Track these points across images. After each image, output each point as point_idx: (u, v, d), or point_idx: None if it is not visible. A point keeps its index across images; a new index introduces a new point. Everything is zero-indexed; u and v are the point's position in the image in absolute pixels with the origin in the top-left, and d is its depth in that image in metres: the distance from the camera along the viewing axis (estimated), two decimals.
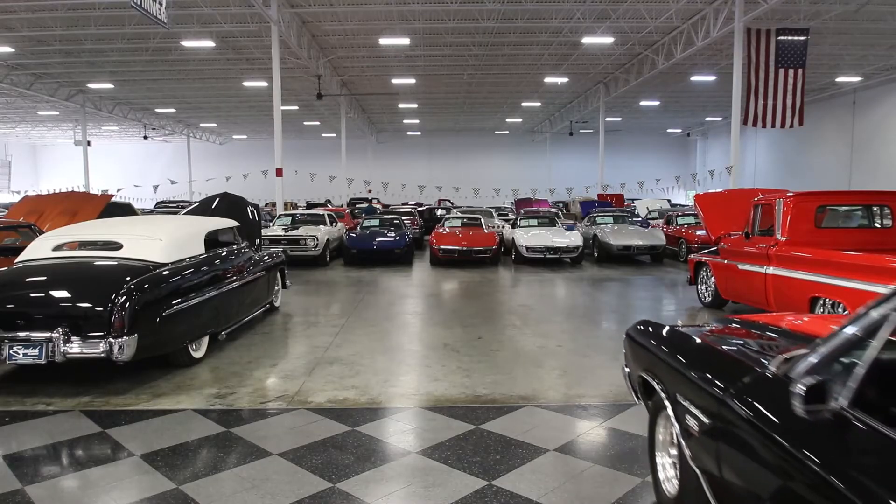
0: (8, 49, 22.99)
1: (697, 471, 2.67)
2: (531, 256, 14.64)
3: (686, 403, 2.80)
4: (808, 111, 17.89)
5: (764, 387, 2.25)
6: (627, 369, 3.73)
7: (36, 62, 25.52)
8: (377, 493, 3.46)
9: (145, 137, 43.26)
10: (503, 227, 18.28)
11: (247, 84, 28.92)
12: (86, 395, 5.13)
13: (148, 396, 5.14)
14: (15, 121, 40.83)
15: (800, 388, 1.90)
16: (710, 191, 17.24)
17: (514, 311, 9.10)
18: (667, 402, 3.02)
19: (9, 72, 26.26)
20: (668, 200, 33.15)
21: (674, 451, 3.07)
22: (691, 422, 2.74)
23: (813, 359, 2.03)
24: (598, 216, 17.93)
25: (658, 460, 3.27)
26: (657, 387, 3.15)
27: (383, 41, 22.08)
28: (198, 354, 6.12)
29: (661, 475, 3.24)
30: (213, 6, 18.90)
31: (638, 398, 3.59)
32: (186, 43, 22.12)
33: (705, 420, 2.60)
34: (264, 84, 27.32)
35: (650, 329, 3.49)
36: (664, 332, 3.36)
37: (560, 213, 22.88)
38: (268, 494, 3.44)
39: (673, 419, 2.94)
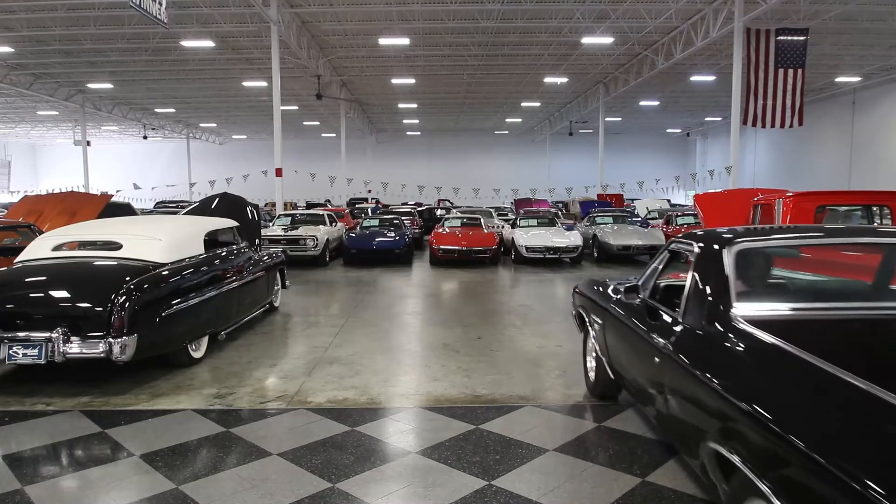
0: (7, 49, 22.98)
1: (602, 357, 4.62)
2: (531, 256, 14.64)
3: (595, 318, 4.81)
4: (807, 111, 17.89)
5: (621, 297, 4.27)
6: (574, 312, 5.62)
7: (35, 62, 25.52)
8: (377, 493, 3.46)
9: (145, 137, 43.26)
10: (503, 227, 18.28)
11: (246, 84, 28.91)
12: (85, 395, 5.12)
13: (147, 396, 5.14)
14: (14, 121, 40.83)
15: (622, 289, 4.14)
16: (709, 191, 17.25)
17: (514, 311, 9.09)
18: (588, 323, 5.04)
19: (8, 72, 26.25)
20: (668, 200, 33.18)
21: (594, 354, 4.95)
22: (596, 327, 4.76)
23: (641, 277, 4.15)
24: (597, 216, 17.93)
25: (587, 359, 5.24)
26: (584, 315, 5.17)
27: (383, 41, 22.07)
28: (197, 354, 6.12)
29: (588, 366, 5.19)
30: (213, 6, 18.90)
31: (579, 329, 5.50)
32: (186, 43, 22.11)
33: (600, 322, 4.63)
34: (264, 84, 27.32)
35: (587, 283, 5.34)
36: (592, 283, 5.22)
37: (560, 213, 22.89)
38: (267, 494, 3.44)
39: (591, 332, 4.95)
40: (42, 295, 5.34)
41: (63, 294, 5.26)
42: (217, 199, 9.27)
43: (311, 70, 24.29)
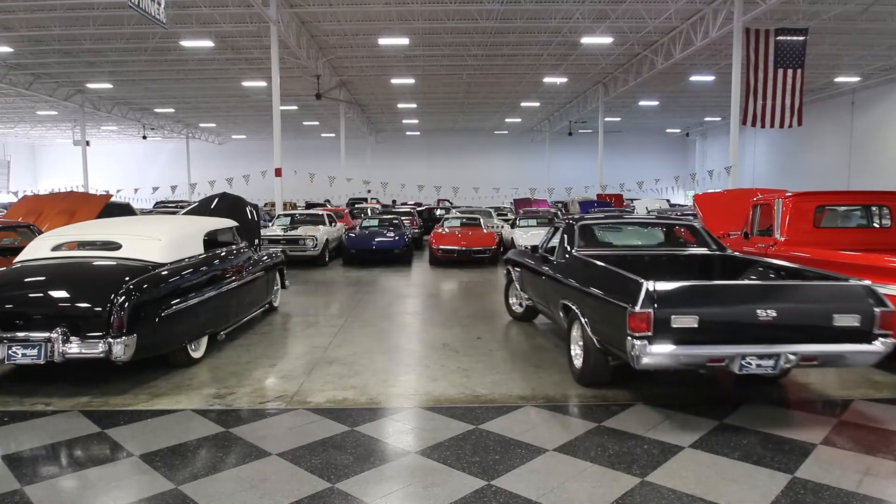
0: (7, 49, 22.97)
1: (522, 293, 7.70)
2: None
3: (517, 270, 7.82)
4: (807, 111, 17.90)
5: (533, 254, 7.34)
6: (505, 270, 8.58)
7: (35, 62, 25.50)
8: (376, 493, 3.46)
9: (144, 137, 43.23)
10: (502, 226, 18.28)
11: (246, 84, 28.90)
12: (84, 396, 5.12)
13: (147, 397, 5.14)
14: (14, 121, 40.79)
15: (529, 248, 7.77)
16: (708, 191, 17.24)
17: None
18: (512, 273, 8.08)
19: (7, 72, 26.23)
20: (667, 200, 33.13)
21: (515, 294, 8.06)
22: (517, 274, 7.84)
23: (541, 242, 7.48)
24: None
25: (509, 299, 8.39)
26: (510, 269, 8.20)
27: (382, 41, 22.07)
28: (197, 354, 6.11)
29: (511, 302, 8.31)
30: (213, 6, 18.89)
31: (506, 280, 8.47)
32: (185, 43, 22.10)
33: (519, 271, 7.76)
34: (263, 84, 27.32)
35: (514, 252, 8.35)
36: (517, 251, 8.23)
37: (559, 212, 22.87)
38: (267, 494, 3.44)
39: (514, 278, 7.94)
40: (41, 295, 5.33)
41: (62, 294, 5.25)
42: (216, 199, 9.25)
43: (310, 70, 24.29)
